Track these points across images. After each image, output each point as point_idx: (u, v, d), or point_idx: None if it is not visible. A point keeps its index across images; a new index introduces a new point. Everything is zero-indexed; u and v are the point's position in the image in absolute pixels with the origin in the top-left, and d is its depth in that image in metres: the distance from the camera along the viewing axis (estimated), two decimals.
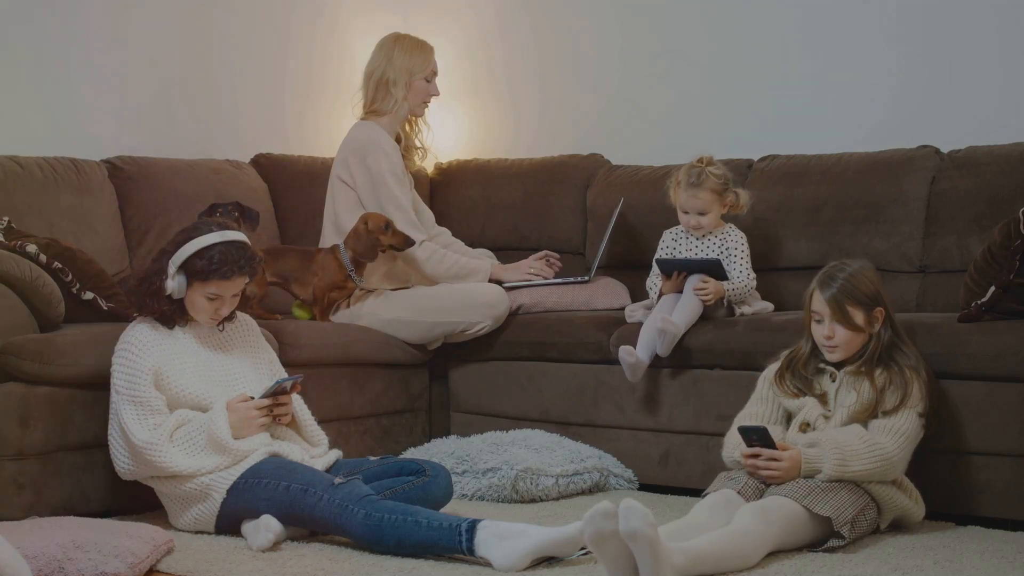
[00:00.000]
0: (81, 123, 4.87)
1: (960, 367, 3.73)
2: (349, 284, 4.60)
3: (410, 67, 4.79)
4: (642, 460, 4.30)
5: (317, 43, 5.62)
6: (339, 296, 4.62)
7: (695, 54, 5.22)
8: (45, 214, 4.40)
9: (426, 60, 4.82)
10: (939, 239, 4.38)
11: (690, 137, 5.04)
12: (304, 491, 3.43)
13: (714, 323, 4.22)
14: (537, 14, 5.63)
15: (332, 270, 4.57)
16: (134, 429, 3.57)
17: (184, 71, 5.19)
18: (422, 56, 4.82)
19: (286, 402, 3.70)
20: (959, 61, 4.67)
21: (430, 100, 4.87)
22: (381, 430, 4.57)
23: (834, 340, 3.57)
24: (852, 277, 3.57)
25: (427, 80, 4.83)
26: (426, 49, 4.85)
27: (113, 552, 3.05)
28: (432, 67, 4.83)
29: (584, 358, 4.44)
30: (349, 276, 4.57)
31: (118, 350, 3.68)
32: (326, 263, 4.58)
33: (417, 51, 4.82)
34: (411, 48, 4.81)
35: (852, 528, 3.36)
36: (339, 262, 4.56)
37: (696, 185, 4.30)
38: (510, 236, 5.23)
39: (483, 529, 3.24)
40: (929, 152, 4.49)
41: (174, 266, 3.65)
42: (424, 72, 4.81)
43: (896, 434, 3.48)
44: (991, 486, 3.69)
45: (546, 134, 5.53)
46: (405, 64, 4.78)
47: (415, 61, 4.80)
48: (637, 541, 2.89)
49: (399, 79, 4.77)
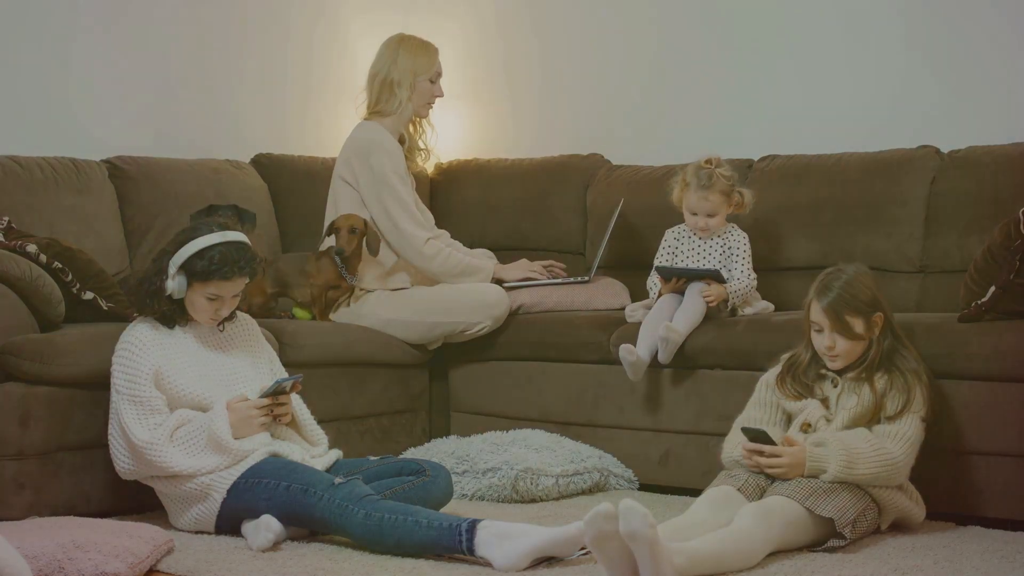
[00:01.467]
0: (81, 123, 4.87)
1: (960, 367, 3.73)
2: (344, 284, 4.61)
3: (415, 68, 4.78)
4: (642, 460, 4.30)
5: (318, 43, 5.62)
6: (336, 296, 4.63)
7: (695, 54, 5.22)
8: (45, 214, 4.40)
9: (431, 61, 4.81)
10: (939, 239, 4.38)
11: (690, 137, 5.04)
12: (304, 491, 3.43)
13: (715, 323, 4.22)
14: (537, 14, 5.63)
15: (327, 271, 4.59)
16: (134, 429, 3.57)
17: (184, 71, 5.19)
18: (427, 57, 4.81)
19: (286, 402, 3.69)
20: (959, 61, 4.67)
21: (434, 101, 4.86)
22: (381, 430, 4.57)
23: (835, 350, 3.57)
24: (849, 285, 3.55)
25: (431, 81, 4.81)
26: (431, 50, 4.83)
27: (113, 552, 3.05)
28: (437, 68, 4.82)
29: (584, 358, 4.44)
30: (342, 276, 4.58)
31: (118, 350, 3.68)
32: (321, 265, 4.61)
33: (422, 52, 4.80)
34: (416, 49, 4.79)
35: (853, 529, 3.36)
36: (333, 263, 4.58)
37: (707, 187, 4.28)
38: (510, 236, 5.23)
39: (483, 529, 3.24)
40: (929, 152, 4.49)
41: (174, 266, 3.65)
42: (428, 73, 4.80)
43: (901, 440, 3.47)
44: (991, 486, 3.69)
45: (546, 134, 5.53)
46: (410, 65, 4.77)
47: (420, 62, 4.78)
48: (637, 542, 2.89)
49: (404, 80, 4.76)
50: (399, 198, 4.66)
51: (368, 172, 4.66)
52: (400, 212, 4.64)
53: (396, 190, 4.66)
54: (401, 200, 4.66)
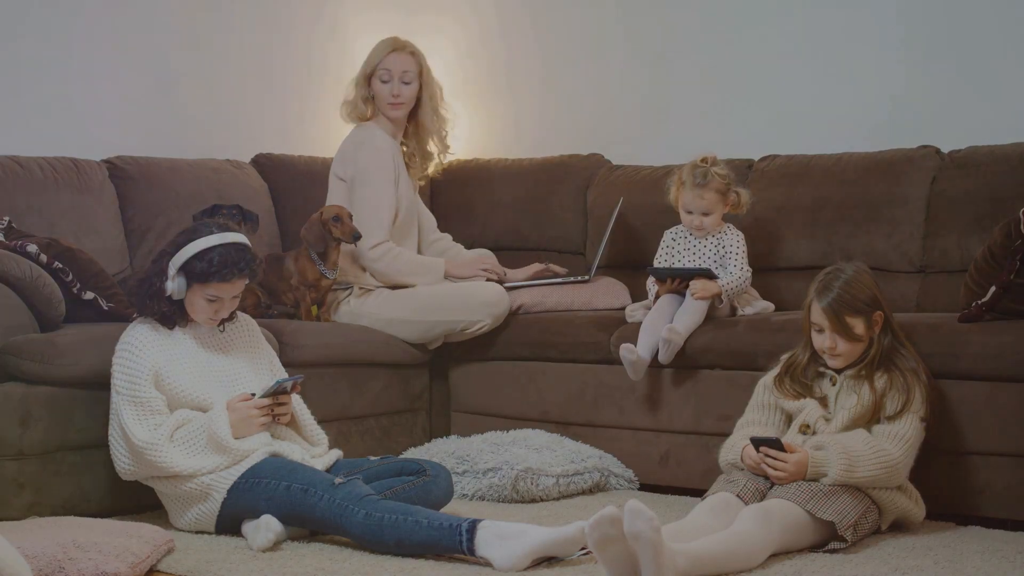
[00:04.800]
0: (81, 123, 4.87)
1: (960, 367, 3.73)
2: (323, 280, 4.57)
3: (365, 67, 4.68)
4: (642, 460, 4.30)
5: (318, 43, 5.62)
6: (317, 295, 4.59)
7: (695, 54, 5.22)
8: (46, 214, 4.40)
9: (375, 57, 4.66)
10: (939, 239, 4.37)
11: (690, 137, 5.04)
12: (304, 491, 3.43)
13: (715, 323, 4.22)
14: (538, 14, 5.63)
15: (305, 270, 4.56)
16: (134, 429, 3.57)
17: (184, 71, 5.19)
18: (375, 54, 4.68)
19: (286, 402, 3.69)
20: (960, 61, 4.67)
21: (397, 103, 4.68)
22: (381, 430, 4.57)
23: (837, 350, 3.57)
24: (848, 285, 3.55)
25: (383, 81, 4.67)
26: (380, 47, 4.68)
27: (113, 552, 3.05)
28: (385, 65, 4.64)
29: (584, 358, 4.44)
30: (321, 272, 4.56)
31: (118, 350, 3.68)
32: (299, 265, 4.56)
33: (373, 50, 4.69)
34: (373, 48, 4.70)
35: (855, 531, 3.36)
36: (310, 260, 4.55)
37: (702, 185, 4.29)
38: (510, 236, 5.23)
39: (483, 529, 3.24)
40: (929, 152, 4.49)
41: (174, 268, 3.65)
42: (371, 69, 4.66)
43: (901, 440, 3.47)
44: (991, 486, 3.69)
45: (546, 134, 5.53)
46: (362, 65, 4.69)
47: (368, 60, 4.68)
48: (640, 542, 2.89)
49: (360, 80, 4.70)
50: (370, 197, 4.59)
51: (354, 167, 4.63)
52: (366, 211, 4.57)
53: (371, 187, 4.59)
54: (372, 198, 4.58)
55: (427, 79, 4.74)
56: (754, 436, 3.49)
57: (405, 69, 4.68)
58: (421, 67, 4.72)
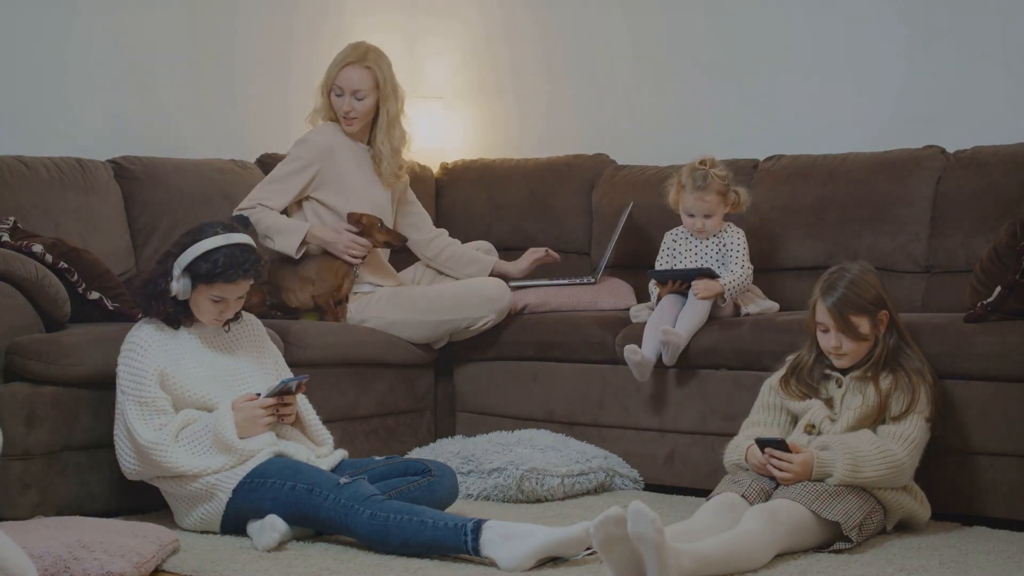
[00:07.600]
0: (87, 123, 4.87)
1: (966, 367, 3.73)
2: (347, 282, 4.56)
3: (325, 76, 4.61)
4: (647, 460, 4.30)
5: (322, 43, 5.60)
6: (341, 295, 4.58)
7: (701, 54, 5.22)
8: (51, 214, 4.40)
9: (332, 67, 4.58)
10: (945, 239, 4.37)
11: (696, 137, 5.04)
12: (309, 491, 3.44)
13: (719, 323, 4.22)
14: (543, 14, 5.63)
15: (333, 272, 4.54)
16: (139, 429, 3.57)
17: (189, 71, 5.20)
18: (332, 63, 4.59)
19: (291, 402, 3.69)
20: (965, 61, 4.66)
21: (349, 120, 4.57)
22: (386, 430, 4.57)
23: (842, 350, 3.57)
24: (853, 284, 3.55)
25: (336, 95, 4.57)
26: (338, 57, 4.58)
27: (119, 552, 3.05)
28: (336, 78, 4.54)
29: (589, 358, 4.44)
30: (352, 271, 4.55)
31: (123, 350, 3.69)
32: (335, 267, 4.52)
33: (335, 58, 4.60)
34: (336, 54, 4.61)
35: (860, 532, 3.36)
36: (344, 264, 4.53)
37: (702, 188, 4.28)
38: (515, 236, 5.22)
39: (488, 529, 3.24)
40: (935, 152, 4.49)
41: (179, 268, 3.65)
42: (328, 81, 4.58)
43: (906, 441, 3.47)
44: (997, 486, 3.69)
45: (552, 134, 5.53)
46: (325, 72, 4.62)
47: (328, 69, 4.59)
48: (644, 544, 2.89)
49: (322, 88, 4.63)
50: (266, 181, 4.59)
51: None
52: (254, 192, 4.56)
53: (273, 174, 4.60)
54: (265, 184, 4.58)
55: (385, 93, 4.60)
56: (758, 437, 3.49)
57: (357, 88, 4.56)
58: (378, 80, 4.58)
